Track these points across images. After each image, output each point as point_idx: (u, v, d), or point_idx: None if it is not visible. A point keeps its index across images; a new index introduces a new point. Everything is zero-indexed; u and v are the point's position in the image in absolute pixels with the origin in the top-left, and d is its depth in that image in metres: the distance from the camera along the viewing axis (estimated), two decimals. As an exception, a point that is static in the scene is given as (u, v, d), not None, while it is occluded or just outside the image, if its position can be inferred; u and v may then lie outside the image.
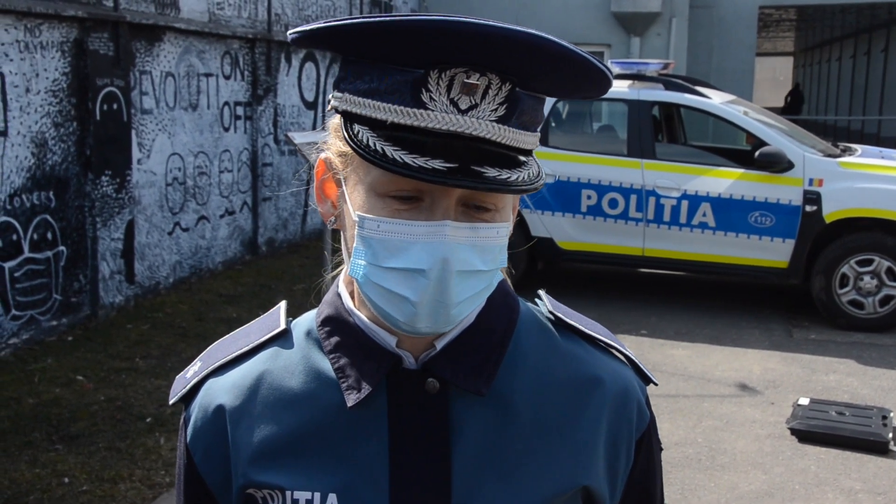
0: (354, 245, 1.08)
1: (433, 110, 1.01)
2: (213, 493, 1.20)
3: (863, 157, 8.10)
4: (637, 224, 8.09)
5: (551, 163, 8.28)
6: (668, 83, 8.48)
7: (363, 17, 1.00)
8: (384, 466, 1.12)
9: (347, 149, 1.09)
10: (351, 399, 1.12)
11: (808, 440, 5.35)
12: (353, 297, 1.18)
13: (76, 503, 4.35)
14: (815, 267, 7.69)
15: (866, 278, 7.57)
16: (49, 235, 6.71)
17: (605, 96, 8.75)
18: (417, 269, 1.03)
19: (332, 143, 1.16)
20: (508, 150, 1.05)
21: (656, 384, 1.30)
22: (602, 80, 1.07)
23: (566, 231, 8.31)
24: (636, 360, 1.28)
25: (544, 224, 8.34)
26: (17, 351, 6.38)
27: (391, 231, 1.04)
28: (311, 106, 11.39)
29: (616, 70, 8.74)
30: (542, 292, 1.31)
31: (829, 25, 23.62)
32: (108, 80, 7.24)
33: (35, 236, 6.56)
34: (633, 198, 8.08)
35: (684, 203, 7.92)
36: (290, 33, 1.09)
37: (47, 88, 6.67)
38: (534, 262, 8.78)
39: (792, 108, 25.98)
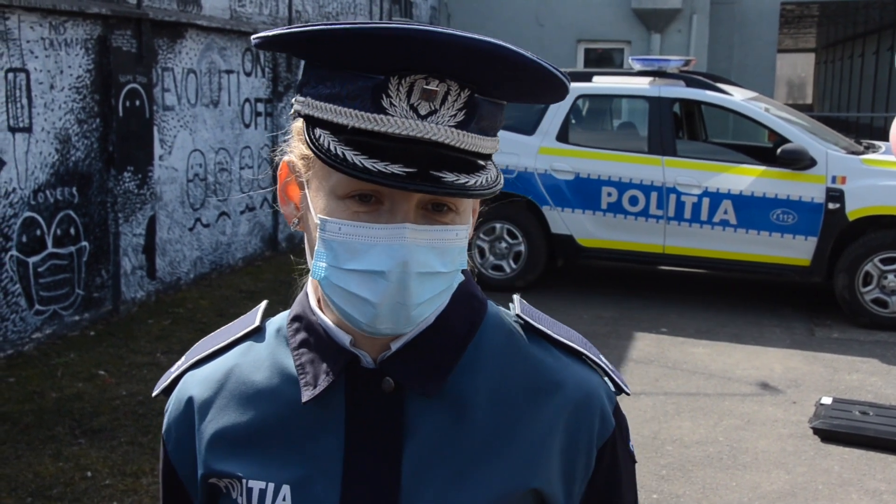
0: (316, 248, 1.10)
1: (393, 115, 1.03)
2: (183, 482, 1.25)
3: (886, 155, 8.03)
4: (658, 221, 8.07)
5: (571, 160, 8.27)
6: (689, 80, 8.44)
7: (325, 24, 1.02)
8: (338, 462, 1.14)
9: (310, 152, 1.11)
10: (306, 395, 1.15)
11: (832, 440, 5.32)
12: (317, 297, 1.21)
13: (99, 497, 4.38)
14: (838, 265, 7.65)
15: (890, 276, 7.52)
16: (72, 231, 6.76)
17: (626, 93, 8.80)
18: (377, 271, 1.05)
19: (294, 147, 1.17)
20: (467, 154, 1.07)
21: (628, 394, 1.28)
22: (560, 88, 1.10)
23: (586, 228, 8.29)
24: (608, 369, 1.26)
25: (564, 221, 8.32)
26: (41, 345, 6.42)
27: (352, 234, 1.06)
28: (332, 102, 11.40)
29: (637, 67, 8.71)
30: (516, 296, 1.31)
31: (852, 21, 23.44)
32: (131, 76, 7.28)
33: (58, 232, 6.60)
34: (654, 195, 8.05)
35: (705, 200, 7.89)
36: (254, 38, 1.10)
37: (71, 85, 6.71)
38: (553, 259, 8.77)
39: None
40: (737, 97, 8.27)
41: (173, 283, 8.11)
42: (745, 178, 7.81)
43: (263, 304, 1.31)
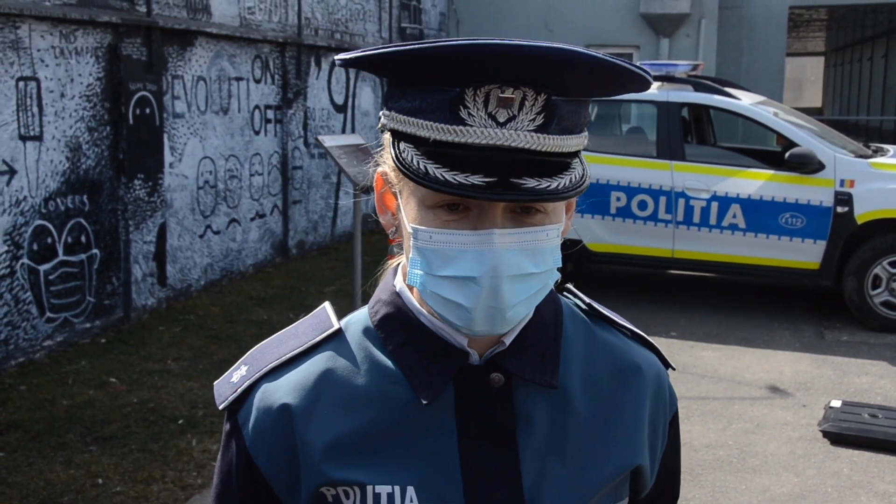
0: (411, 255, 1.13)
1: (472, 125, 1.05)
2: (279, 495, 1.21)
3: (895, 158, 8.02)
4: (667, 226, 8.07)
5: (580, 165, 8.26)
6: (698, 84, 8.45)
7: (397, 46, 1.06)
8: (455, 459, 1.16)
9: None
10: (425, 396, 1.16)
11: (841, 443, 5.31)
12: (414, 296, 1.22)
13: None
14: (847, 268, 7.64)
15: (899, 280, 7.51)
16: (83, 238, 6.80)
17: (634, 98, 8.79)
18: (469, 277, 1.08)
19: (387, 157, 1.20)
20: (551, 156, 1.09)
21: (674, 369, 1.40)
22: (640, 81, 1.12)
23: (595, 233, 8.30)
24: (658, 347, 1.37)
25: (573, 226, 8.31)
26: (52, 353, 6.46)
27: (443, 241, 1.09)
28: (341, 109, 11.45)
29: (645, 71, 8.70)
30: (570, 286, 1.37)
31: (861, 25, 23.39)
32: (141, 84, 7.32)
33: (69, 239, 6.64)
34: (663, 199, 8.06)
35: (714, 204, 7.89)
36: (337, 59, 1.14)
37: (81, 93, 6.75)
38: (563, 263, 8.75)
39: None
40: (745, 101, 8.28)
41: (184, 290, 8.14)
42: (754, 182, 7.82)
43: (328, 304, 1.31)
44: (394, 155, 1.11)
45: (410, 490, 1.15)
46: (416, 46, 1.04)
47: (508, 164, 1.05)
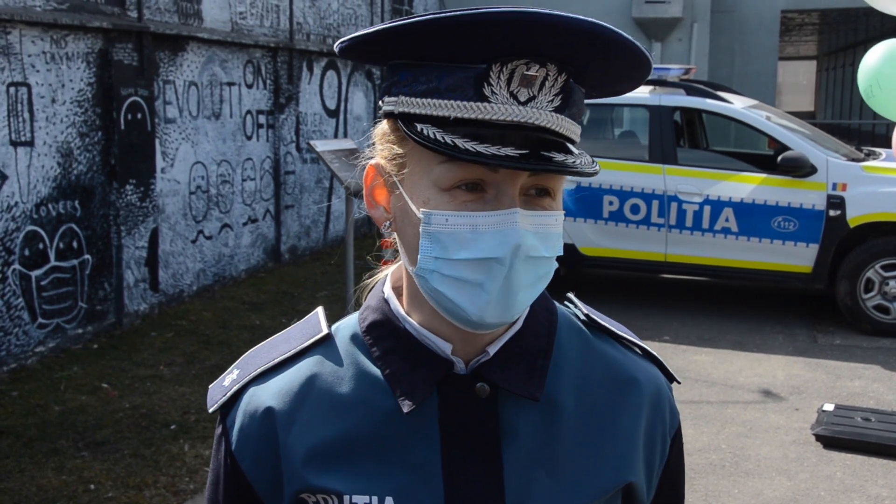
0: (420, 242, 1.08)
1: (495, 103, 1.04)
2: (262, 499, 1.19)
3: (887, 161, 8.03)
4: (659, 230, 8.07)
5: (573, 169, 8.27)
6: (690, 88, 8.46)
7: (424, 15, 1.02)
8: (437, 469, 1.13)
9: (401, 150, 1.12)
10: (406, 405, 1.13)
11: (834, 446, 5.31)
12: (401, 303, 1.19)
13: (102, 510, 4.39)
14: (840, 272, 7.65)
15: (892, 283, 7.52)
16: (75, 244, 6.78)
17: (627, 102, 8.81)
18: (492, 258, 1.05)
19: (380, 150, 1.17)
20: (563, 139, 1.09)
21: (679, 382, 1.35)
22: (646, 70, 1.12)
23: (588, 237, 8.30)
24: (661, 360, 1.32)
25: (566, 230, 8.32)
26: (44, 359, 6.44)
27: (460, 223, 1.06)
28: (333, 114, 11.44)
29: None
30: (571, 295, 1.34)
31: (853, 29, 23.45)
32: (133, 89, 7.31)
33: (61, 245, 6.62)
34: (656, 203, 8.06)
35: (707, 208, 7.90)
36: (340, 42, 1.11)
37: (73, 99, 6.74)
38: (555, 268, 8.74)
39: None
40: (737, 105, 8.29)
41: (176, 295, 8.13)
42: (747, 185, 7.83)
43: (321, 310, 1.28)
44: (413, 135, 1.06)
45: (389, 500, 1.12)
46: (449, 15, 1.00)
47: (533, 139, 1.05)
